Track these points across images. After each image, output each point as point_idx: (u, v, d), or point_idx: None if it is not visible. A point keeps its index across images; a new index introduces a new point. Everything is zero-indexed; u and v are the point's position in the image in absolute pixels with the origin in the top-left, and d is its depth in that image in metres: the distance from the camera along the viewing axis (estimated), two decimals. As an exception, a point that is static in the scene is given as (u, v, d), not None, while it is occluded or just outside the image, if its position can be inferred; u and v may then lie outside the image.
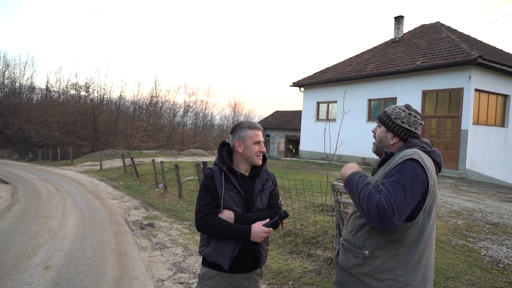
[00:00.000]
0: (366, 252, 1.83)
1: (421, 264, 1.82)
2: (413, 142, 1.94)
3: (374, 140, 2.09)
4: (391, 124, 1.98)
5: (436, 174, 1.91)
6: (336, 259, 2.07)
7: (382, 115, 2.03)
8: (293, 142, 27.26)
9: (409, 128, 1.96)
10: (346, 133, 10.82)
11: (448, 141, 13.58)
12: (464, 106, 13.00)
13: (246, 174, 2.24)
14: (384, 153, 1.94)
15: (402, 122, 1.96)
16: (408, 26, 33.10)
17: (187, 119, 57.91)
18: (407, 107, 2.01)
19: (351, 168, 1.98)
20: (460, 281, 3.72)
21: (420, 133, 2.01)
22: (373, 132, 2.10)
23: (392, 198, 1.68)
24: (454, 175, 12.72)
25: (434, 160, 1.90)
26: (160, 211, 8.85)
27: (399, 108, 2.00)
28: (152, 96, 51.82)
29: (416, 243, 1.80)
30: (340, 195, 4.41)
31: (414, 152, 1.82)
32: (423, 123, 2.03)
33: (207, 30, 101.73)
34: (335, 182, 4.48)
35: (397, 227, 1.72)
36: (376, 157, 2.09)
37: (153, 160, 13.95)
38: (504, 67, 13.37)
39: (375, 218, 1.69)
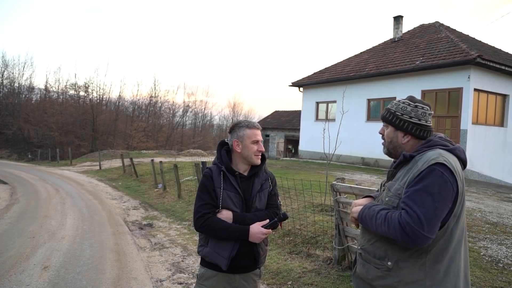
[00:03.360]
0: (389, 263, 1.67)
1: (451, 273, 1.64)
2: (432, 140, 1.75)
3: (383, 141, 1.91)
4: (399, 121, 1.80)
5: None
6: (353, 268, 1.92)
7: (386, 114, 1.85)
8: (293, 142, 27.26)
9: (419, 122, 1.78)
10: (345, 133, 10.82)
11: (448, 141, 13.57)
12: (463, 106, 13.00)
13: (245, 173, 2.23)
14: (402, 156, 1.74)
15: (410, 117, 1.78)
16: (407, 26, 33.14)
17: (186, 119, 58.00)
18: (411, 99, 1.84)
19: (359, 205, 1.84)
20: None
21: (431, 124, 1.83)
22: (380, 133, 1.92)
23: (418, 209, 1.53)
24: (454, 175, 12.70)
25: (458, 158, 1.72)
26: (159, 211, 8.84)
27: (403, 103, 1.83)
28: (151, 96, 51.89)
29: (444, 250, 1.63)
30: (340, 195, 4.41)
31: (438, 155, 1.64)
32: (433, 112, 1.86)
33: (206, 30, 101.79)
34: (334, 182, 4.47)
35: (431, 240, 1.56)
36: (376, 157, 2.04)
37: (152, 160, 13.93)
38: (503, 67, 13.39)
39: (404, 238, 1.54)
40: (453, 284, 1.65)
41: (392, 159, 1.91)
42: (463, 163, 1.75)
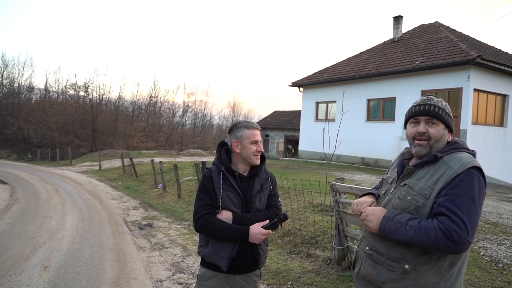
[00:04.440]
0: (407, 266, 1.61)
1: (460, 276, 1.67)
2: (458, 143, 1.71)
3: (420, 142, 1.72)
4: (449, 118, 1.71)
5: None
6: (355, 269, 1.85)
7: (437, 109, 1.70)
8: (292, 142, 27.25)
9: (452, 118, 1.75)
10: (345, 133, 10.83)
11: (447, 141, 13.57)
12: (463, 106, 13.01)
13: (245, 174, 2.23)
14: (433, 156, 1.66)
15: (449, 113, 1.72)
16: (407, 26, 33.13)
17: (186, 119, 57.99)
18: (435, 96, 1.77)
19: (377, 214, 1.69)
20: (459, 281, 3.71)
21: None
22: (424, 132, 1.70)
23: (463, 215, 1.49)
24: (453, 175, 12.70)
25: None
26: (159, 211, 8.84)
27: (436, 98, 1.74)
28: (151, 96, 51.88)
29: (459, 255, 1.62)
30: (339, 195, 4.41)
31: (472, 159, 1.61)
32: None
33: (206, 30, 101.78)
34: (334, 182, 4.48)
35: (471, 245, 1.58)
36: (376, 157, 2.00)
37: (152, 160, 13.93)
38: (503, 67, 13.39)
39: (448, 245, 1.48)
40: (459, 285, 1.67)
41: (392, 160, 1.88)
42: None
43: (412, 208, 1.63)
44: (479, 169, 1.59)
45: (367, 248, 1.77)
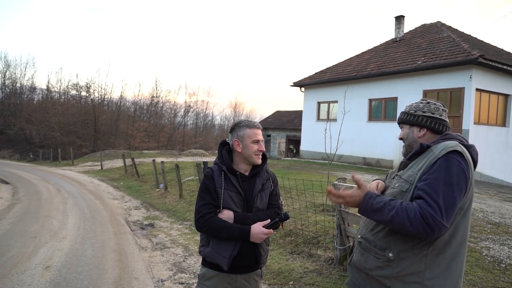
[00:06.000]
0: (390, 254, 1.65)
1: (453, 270, 1.64)
2: (450, 134, 1.79)
3: (403, 145, 1.93)
4: (412, 117, 1.85)
5: None
6: (350, 258, 1.92)
7: (401, 116, 1.92)
8: (294, 142, 27.24)
9: (433, 115, 1.82)
10: (347, 133, 10.82)
11: (449, 141, 13.55)
12: (465, 106, 12.98)
13: (246, 173, 2.23)
14: (419, 146, 1.74)
15: (424, 112, 1.83)
16: (408, 25, 33.21)
17: (188, 119, 58.01)
18: (423, 99, 1.92)
19: (355, 193, 1.71)
20: (462, 281, 3.70)
21: (447, 119, 1.86)
22: (400, 138, 1.93)
23: (439, 199, 1.52)
24: (455, 175, 12.68)
25: (471, 156, 1.72)
26: (160, 211, 8.85)
27: (416, 103, 1.91)
28: (152, 96, 51.93)
29: (447, 244, 1.63)
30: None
31: (456, 144, 1.66)
32: (447, 110, 1.90)
33: (208, 30, 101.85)
34: (335, 182, 4.47)
35: (447, 229, 1.56)
36: (377, 157, 2.06)
37: (153, 160, 13.94)
38: (505, 67, 13.35)
39: (424, 229, 1.51)
40: (454, 281, 1.65)
41: (394, 160, 1.90)
42: (474, 164, 1.74)
43: (397, 193, 1.69)
44: (460, 154, 1.61)
45: (359, 236, 1.85)
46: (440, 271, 1.62)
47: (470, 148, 1.74)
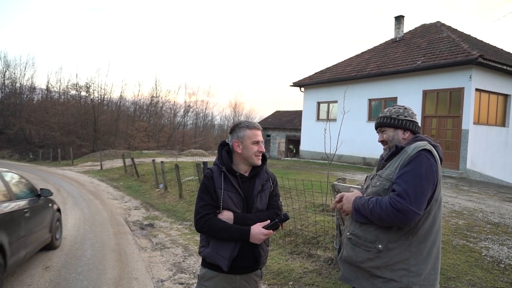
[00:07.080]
0: (380, 246, 1.85)
1: (432, 254, 1.86)
2: (420, 136, 2.04)
3: (384, 147, 2.15)
4: (397, 121, 2.06)
5: None
6: (339, 254, 2.08)
7: (382, 120, 2.11)
8: (294, 142, 27.24)
9: (412, 119, 2.06)
10: (346, 133, 10.80)
11: (449, 141, 13.56)
12: (465, 106, 12.98)
13: (246, 174, 2.23)
14: (395, 147, 1.98)
15: (405, 116, 2.06)
16: (408, 25, 33.21)
17: (188, 119, 58.01)
18: (399, 105, 2.14)
19: (350, 198, 2.00)
20: (461, 281, 3.71)
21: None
22: (380, 141, 2.16)
23: (408, 188, 1.74)
24: (455, 175, 12.69)
25: (438, 154, 1.96)
26: (160, 211, 8.85)
27: (393, 108, 2.11)
28: (152, 96, 51.92)
29: (428, 233, 1.85)
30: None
31: (425, 144, 1.90)
32: (416, 114, 2.15)
33: (208, 30, 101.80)
34: (335, 182, 4.47)
35: (420, 216, 1.76)
36: (377, 157, 2.12)
37: (153, 160, 13.94)
38: (504, 67, 13.36)
39: (396, 215, 1.73)
40: (432, 264, 1.87)
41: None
42: (441, 160, 1.98)
43: (381, 191, 1.91)
44: (429, 151, 1.86)
45: (348, 233, 2.02)
46: (422, 258, 1.83)
47: (437, 148, 1.98)
